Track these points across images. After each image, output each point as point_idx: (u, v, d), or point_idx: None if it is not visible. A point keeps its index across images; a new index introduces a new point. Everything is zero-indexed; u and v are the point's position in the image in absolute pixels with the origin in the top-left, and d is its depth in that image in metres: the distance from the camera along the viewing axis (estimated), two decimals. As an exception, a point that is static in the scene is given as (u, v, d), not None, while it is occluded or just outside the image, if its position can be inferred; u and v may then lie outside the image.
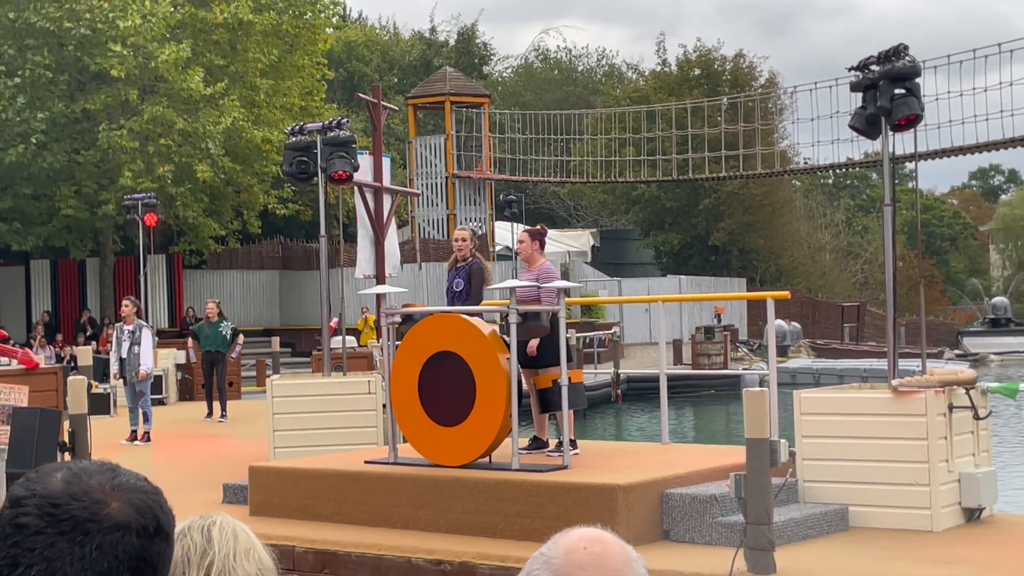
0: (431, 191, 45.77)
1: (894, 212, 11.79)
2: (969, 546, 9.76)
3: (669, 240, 54.66)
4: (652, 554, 9.43)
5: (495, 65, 69.68)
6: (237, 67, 36.05)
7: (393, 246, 20.72)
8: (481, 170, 47.06)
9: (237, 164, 35.71)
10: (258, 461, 13.16)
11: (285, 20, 36.62)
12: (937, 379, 10.94)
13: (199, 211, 36.13)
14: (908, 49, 11.29)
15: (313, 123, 16.39)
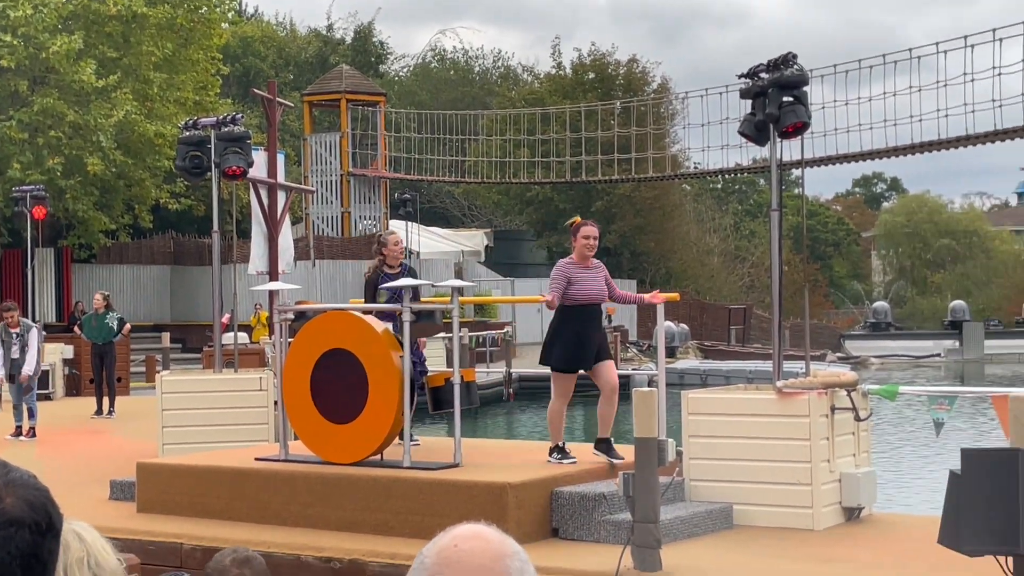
0: (326, 188, 45.40)
1: (781, 217, 11.93)
2: (848, 544, 9.92)
3: (562, 241, 54.91)
4: (541, 551, 9.46)
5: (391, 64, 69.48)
6: (130, 60, 35.54)
7: (287, 243, 20.54)
8: (376, 168, 46.79)
9: (129, 158, 35.16)
10: (146, 458, 12.96)
11: (180, 14, 36.18)
12: (820, 381, 11.09)
13: (89, 204, 35.59)
14: (796, 58, 11.44)
15: (207, 118, 16.19)
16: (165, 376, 15.57)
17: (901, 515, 11.35)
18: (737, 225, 65.77)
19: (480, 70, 71.03)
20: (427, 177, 50.35)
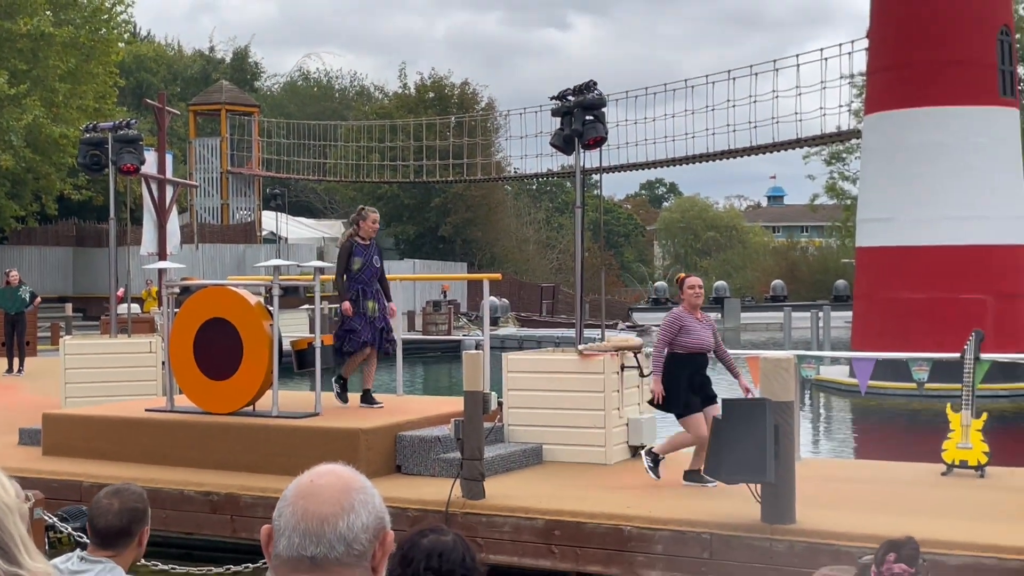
0: (208, 184, 44.78)
1: (583, 213, 12.06)
2: (634, 475, 10.08)
3: (406, 231, 54.77)
4: (386, 484, 9.43)
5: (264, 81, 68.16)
6: (39, 72, 34.35)
7: (174, 228, 20.21)
8: (251, 168, 46.34)
9: (37, 155, 34.21)
10: (51, 409, 12.54)
11: (82, 34, 35.13)
12: (612, 345, 11.27)
13: (1, 194, 34.50)
14: (597, 85, 11.56)
15: (105, 123, 15.69)
16: (68, 340, 15.13)
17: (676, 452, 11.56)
18: (548, 219, 66.27)
19: (339, 88, 70.13)
20: (294, 176, 49.90)
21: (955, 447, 10.18)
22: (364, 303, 11.13)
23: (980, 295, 21.47)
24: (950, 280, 21.77)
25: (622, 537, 8.49)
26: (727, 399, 8.73)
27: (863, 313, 23.86)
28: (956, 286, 21.66)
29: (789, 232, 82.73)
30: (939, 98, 22.27)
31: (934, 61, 22.28)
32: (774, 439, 8.02)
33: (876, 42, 24.38)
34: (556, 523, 8.72)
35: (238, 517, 9.80)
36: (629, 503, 8.91)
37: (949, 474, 10.05)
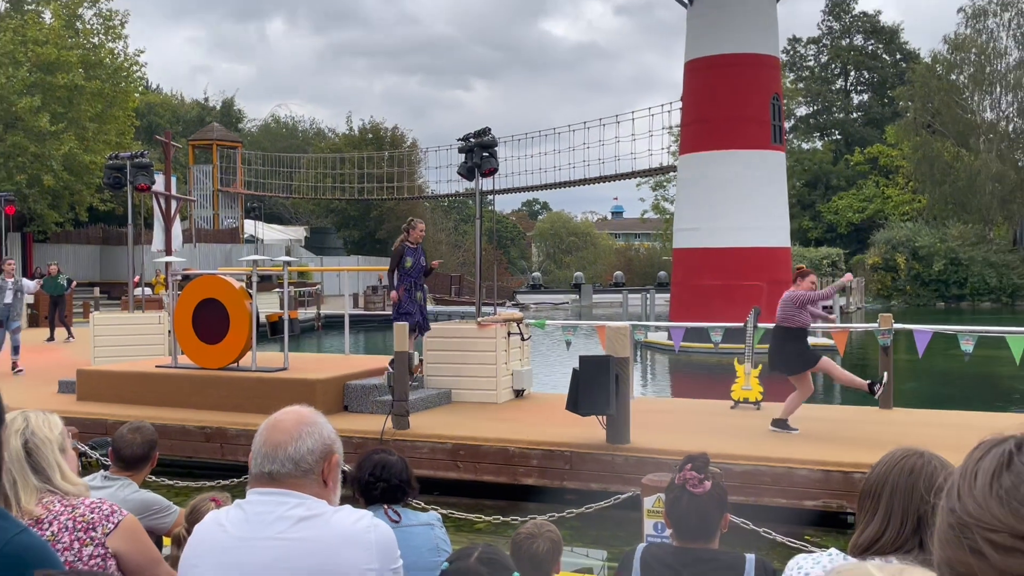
0: (203, 199, 43.58)
1: (481, 223, 12.05)
2: (517, 410, 10.14)
3: (352, 234, 53.98)
4: (336, 420, 9.32)
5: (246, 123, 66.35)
6: (73, 114, 33.05)
7: (177, 232, 19.62)
8: (236, 187, 45.25)
9: (72, 176, 33.00)
10: (83, 366, 12.08)
11: (107, 86, 33.99)
12: (502, 318, 11.30)
13: (44, 205, 33.22)
14: (491, 130, 11.54)
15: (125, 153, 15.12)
16: (96, 315, 14.56)
17: (547, 394, 11.67)
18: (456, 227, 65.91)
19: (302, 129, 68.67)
20: (268, 193, 48.86)
21: (740, 389, 10.44)
22: (415, 293, 10.63)
23: (758, 282, 22.02)
24: (737, 271, 22.30)
25: (508, 455, 8.53)
26: (583, 356, 8.80)
27: (677, 295, 24.31)
28: (741, 275, 22.20)
29: (627, 238, 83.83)
30: (731, 143, 22.77)
31: (727, 117, 22.76)
32: (615, 384, 8.13)
33: (687, 103, 24.81)
34: (461, 445, 8.72)
35: (226, 444, 9.59)
36: (514, 430, 8.95)
37: (736, 408, 10.30)
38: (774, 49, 23.79)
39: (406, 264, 10.54)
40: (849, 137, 55.83)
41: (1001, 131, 46.66)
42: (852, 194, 52.38)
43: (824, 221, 52.45)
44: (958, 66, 47.30)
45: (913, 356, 11.07)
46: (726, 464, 7.50)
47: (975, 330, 10.57)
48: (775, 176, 23.33)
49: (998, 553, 0.63)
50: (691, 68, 23.97)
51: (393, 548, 2.09)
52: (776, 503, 7.49)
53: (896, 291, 45.08)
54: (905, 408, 10.60)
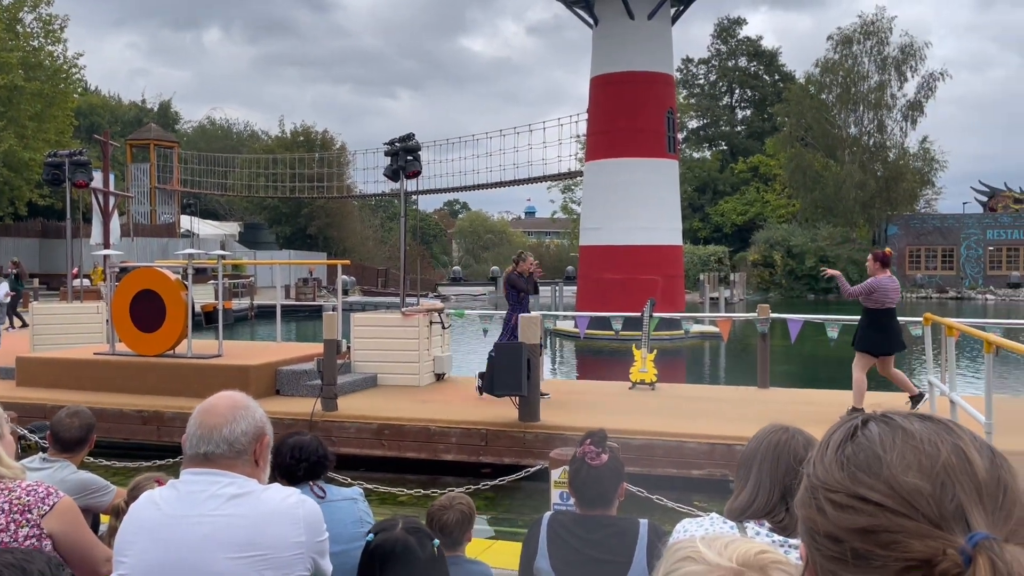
0: (141, 195, 42.02)
1: (406, 221, 11.96)
2: (437, 392, 10.13)
3: (284, 230, 52.75)
4: (269, 403, 9.13)
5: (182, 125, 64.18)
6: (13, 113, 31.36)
7: (115, 226, 18.76)
8: (172, 185, 43.72)
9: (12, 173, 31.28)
10: (23, 353, 11.51)
11: (47, 87, 32.33)
12: (424, 308, 11.25)
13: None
14: (414, 136, 11.46)
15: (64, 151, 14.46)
16: (36, 305, 13.92)
17: (466, 377, 11.67)
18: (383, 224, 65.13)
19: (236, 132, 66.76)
20: (203, 191, 47.38)
21: (638, 371, 10.64)
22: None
23: (654, 276, 22.45)
24: (636, 267, 22.71)
25: (429, 433, 8.51)
26: (498, 343, 8.84)
27: (583, 287, 24.61)
28: (639, 270, 22.62)
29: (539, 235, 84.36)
30: (631, 152, 23.14)
31: (627, 129, 23.12)
32: (527, 368, 8.20)
33: (592, 115, 25.10)
34: (385, 425, 8.66)
35: (162, 427, 9.28)
36: (434, 411, 8.93)
37: (634, 389, 10.49)
38: (669, 68, 24.27)
39: (520, 295, 9.65)
40: (734, 148, 57.48)
41: (863, 145, 48.78)
42: (736, 199, 53.99)
43: (712, 222, 53.93)
44: (827, 87, 49.16)
45: (787, 342, 11.49)
46: (624, 439, 7.65)
47: (839, 319, 11.05)
48: (669, 182, 23.84)
49: (835, 510, 0.67)
50: (596, 83, 24.25)
51: (320, 523, 2.08)
52: (668, 473, 7.67)
53: (773, 285, 46.71)
54: (780, 388, 11.00)
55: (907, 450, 0.66)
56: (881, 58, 47.90)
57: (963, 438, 0.68)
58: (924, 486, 0.64)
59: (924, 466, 0.65)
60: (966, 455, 0.65)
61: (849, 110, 48.91)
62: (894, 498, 0.64)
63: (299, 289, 35.35)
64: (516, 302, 9.72)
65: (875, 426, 0.71)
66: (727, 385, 13.17)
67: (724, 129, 59.09)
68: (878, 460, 0.67)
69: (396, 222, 67.27)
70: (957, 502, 0.63)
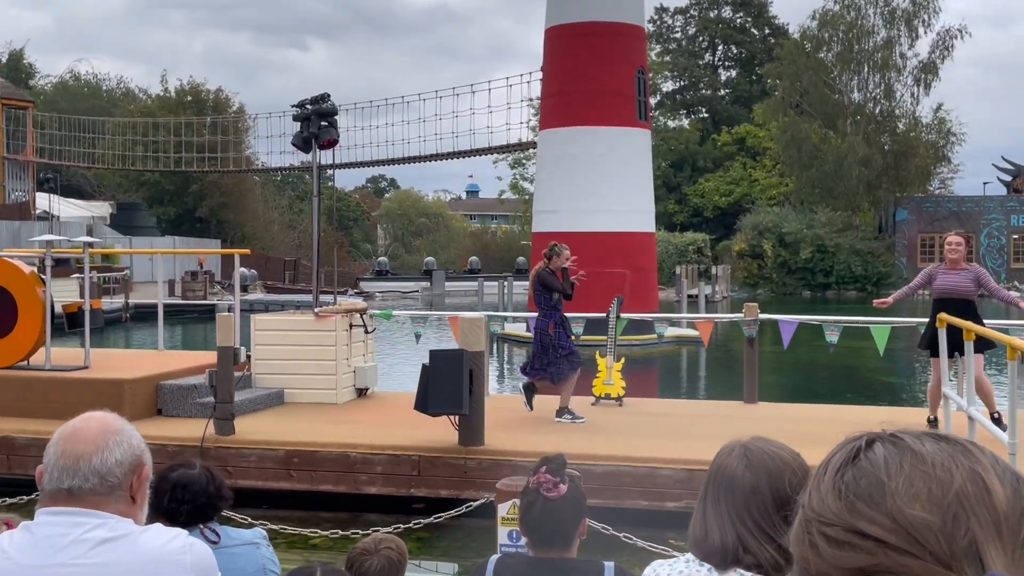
0: (-16, 168, 40.75)
1: (319, 201, 11.85)
2: (359, 411, 10.07)
3: (167, 212, 51.84)
4: (148, 426, 8.95)
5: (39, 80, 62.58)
6: None
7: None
8: (26, 155, 42.60)
9: None
10: None
11: None
12: (343, 308, 11.17)
13: None
14: (330, 96, 11.35)
15: None
16: None
17: (394, 392, 11.62)
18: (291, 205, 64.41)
19: (107, 89, 65.30)
20: (66, 163, 46.26)
21: (602, 383, 10.73)
22: (570, 327, 9.76)
23: (621, 269, 22.67)
24: (599, 258, 22.86)
25: (349, 461, 8.46)
26: (433, 350, 8.83)
27: (537, 283, 24.70)
28: (604, 262, 22.79)
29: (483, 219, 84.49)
30: (593, 119, 23.32)
31: (589, 91, 23.29)
32: (469, 380, 8.20)
33: (547, 75, 25.21)
34: (295, 452, 8.58)
35: (13, 456, 9.04)
36: (355, 434, 8.87)
37: (597, 404, 10.56)
38: (639, 19, 24.51)
39: (553, 298, 9.59)
40: (716, 115, 58.33)
41: (868, 113, 49.90)
42: (719, 176, 54.81)
43: (690, 205, 54.65)
44: (826, 43, 50.19)
45: (778, 347, 11.72)
46: (586, 465, 7.72)
47: (840, 320, 11.31)
48: (640, 156, 24.08)
49: (831, 547, 0.68)
50: (551, 36, 24.36)
51: (213, 570, 2.07)
52: (638, 505, 7.77)
53: (763, 279, 47.57)
54: (771, 402, 11.21)
55: (916, 476, 0.67)
56: (889, 9, 49.13)
57: (982, 462, 0.70)
58: (933, 520, 0.65)
59: (934, 495, 0.66)
60: (984, 482, 0.67)
61: (852, 72, 50.05)
62: (898, 533, 0.65)
63: (186, 285, 34.79)
64: (549, 306, 9.59)
65: (881, 447, 0.72)
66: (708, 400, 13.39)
67: (705, 93, 59.94)
68: (881, 488, 0.68)
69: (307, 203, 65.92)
70: (971, 537, 0.64)
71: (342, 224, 66.49)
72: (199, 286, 34.59)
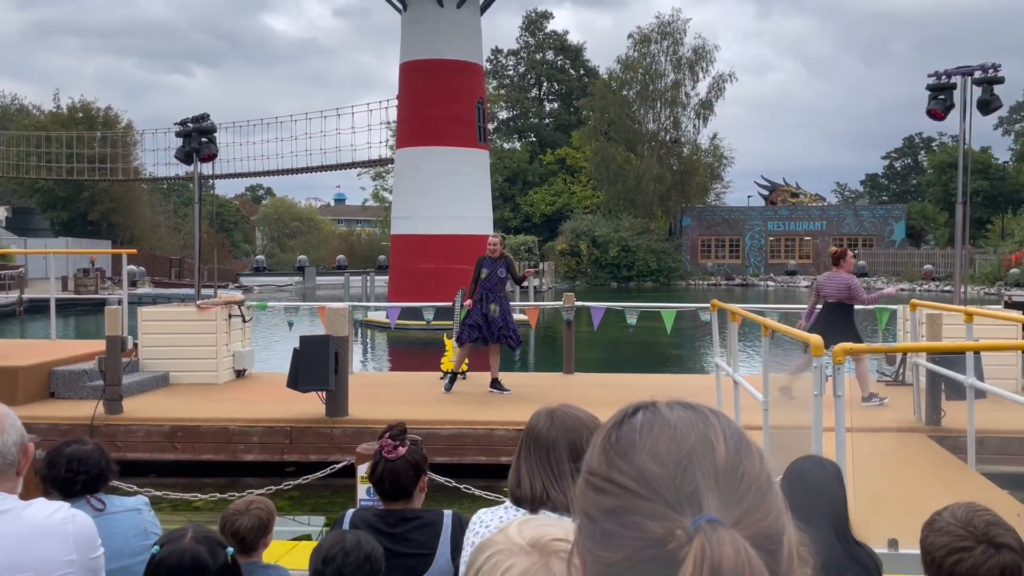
0: None
1: (201, 207, 11.34)
2: (238, 390, 9.71)
3: (60, 216, 48.17)
4: (42, 408, 8.35)
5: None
6: None
7: None
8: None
9: None
10: None
11: None
12: (223, 300, 10.73)
13: None
14: (210, 116, 10.88)
15: None
16: None
17: (270, 373, 11.25)
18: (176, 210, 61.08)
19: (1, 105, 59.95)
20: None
21: (449, 361, 10.74)
22: (487, 305, 9.39)
23: (466, 265, 22.73)
24: (447, 256, 22.90)
25: (228, 433, 8.14)
26: (303, 336, 8.60)
27: (395, 277, 24.48)
28: (451, 260, 22.83)
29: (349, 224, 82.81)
30: (441, 141, 23.26)
31: (438, 117, 23.21)
32: (334, 361, 8.05)
33: (402, 102, 24.96)
34: (179, 427, 8.18)
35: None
36: (234, 409, 8.55)
37: (445, 379, 10.61)
38: (479, 58, 24.61)
39: (482, 275, 9.48)
40: (542, 140, 59.39)
41: (660, 140, 52.15)
42: (545, 189, 55.88)
43: (522, 212, 55.47)
44: (628, 83, 52.02)
45: (590, 328, 12.07)
46: (434, 429, 7.72)
47: (637, 306, 11.76)
48: (480, 172, 24.23)
49: (592, 492, 0.71)
50: (406, 69, 24.13)
51: (93, 538, 1.95)
52: (478, 460, 7.84)
53: (579, 273, 48.88)
54: (585, 372, 11.54)
55: (661, 437, 0.71)
56: (676, 58, 51.33)
57: (714, 426, 0.73)
58: (666, 472, 0.69)
59: (671, 452, 0.70)
60: (712, 443, 0.71)
61: (648, 107, 52.04)
62: (639, 481, 0.69)
63: (78, 281, 32.52)
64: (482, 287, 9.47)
65: (641, 414, 0.75)
66: (535, 372, 13.62)
67: (533, 121, 60.85)
68: (633, 446, 0.71)
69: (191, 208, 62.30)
70: (695, 486, 0.68)
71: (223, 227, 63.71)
72: (90, 282, 32.40)
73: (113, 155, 42.34)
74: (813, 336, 4.39)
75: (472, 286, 9.55)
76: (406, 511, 2.61)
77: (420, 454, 2.57)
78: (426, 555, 2.58)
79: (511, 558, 0.97)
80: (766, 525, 0.68)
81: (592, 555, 0.70)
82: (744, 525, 0.67)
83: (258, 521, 2.78)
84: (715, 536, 0.64)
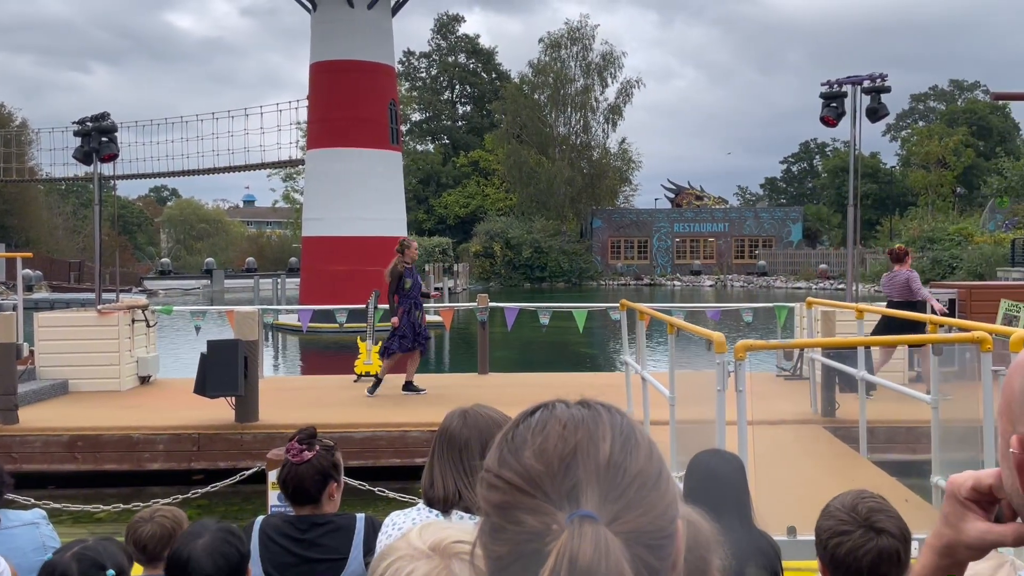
0: None
1: (101, 209, 10.85)
2: (141, 396, 9.36)
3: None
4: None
5: None
6: None
7: None
8: None
9: None
10: None
11: None
12: (126, 304, 10.33)
13: None
14: (110, 115, 10.42)
15: None
16: None
17: (175, 379, 10.86)
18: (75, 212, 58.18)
19: None
20: None
21: (362, 364, 10.64)
22: (415, 313, 9.19)
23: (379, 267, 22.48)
24: (360, 258, 22.62)
25: (132, 442, 7.83)
26: (211, 340, 8.34)
27: (307, 279, 24.03)
28: (364, 262, 22.54)
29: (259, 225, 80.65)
30: (353, 142, 22.96)
31: (349, 118, 22.91)
32: (244, 366, 7.85)
33: (313, 103, 24.51)
34: (79, 436, 7.82)
35: None
36: (138, 417, 8.22)
37: (359, 381, 10.49)
38: (390, 59, 24.39)
39: (405, 285, 9.21)
40: (456, 142, 59.29)
41: (571, 144, 52.82)
42: (458, 191, 55.81)
43: (436, 214, 55.24)
44: (540, 87, 52.50)
45: (504, 329, 12.14)
46: (347, 432, 7.62)
47: (550, 306, 11.90)
48: (393, 173, 24.02)
49: (485, 489, 0.73)
50: (316, 70, 23.71)
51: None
52: (392, 463, 7.78)
53: (494, 274, 49.03)
54: (499, 372, 11.59)
55: (550, 435, 0.73)
56: (586, 63, 52.11)
57: (604, 424, 0.74)
58: (548, 469, 0.71)
59: (556, 449, 0.72)
60: (597, 440, 0.72)
61: (559, 111, 52.63)
62: (524, 477, 0.71)
63: (-30, 286, 30.62)
64: (403, 295, 9.26)
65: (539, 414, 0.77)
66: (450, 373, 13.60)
67: (446, 123, 60.69)
68: (524, 444, 0.73)
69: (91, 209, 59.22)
70: (575, 482, 0.70)
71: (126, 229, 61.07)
72: (-17, 287, 30.56)
73: (7, 155, 40.08)
74: (716, 333, 4.54)
75: (392, 297, 9.29)
76: (316, 516, 2.57)
77: (330, 459, 2.53)
78: (338, 560, 2.56)
79: (412, 563, 0.98)
80: (648, 520, 0.69)
81: (486, 549, 0.72)
82: (623, 520, 0.68)
83: (162, 529, 2.70)
84: (579, 531, 0.66)
